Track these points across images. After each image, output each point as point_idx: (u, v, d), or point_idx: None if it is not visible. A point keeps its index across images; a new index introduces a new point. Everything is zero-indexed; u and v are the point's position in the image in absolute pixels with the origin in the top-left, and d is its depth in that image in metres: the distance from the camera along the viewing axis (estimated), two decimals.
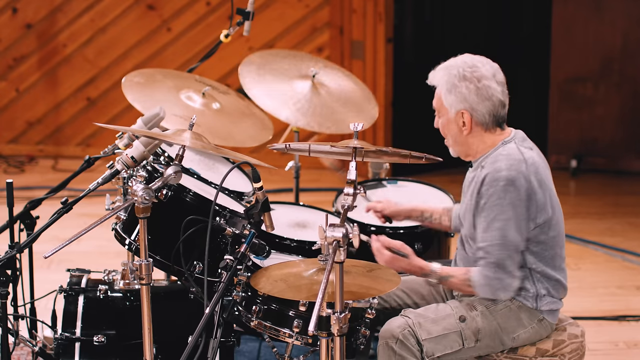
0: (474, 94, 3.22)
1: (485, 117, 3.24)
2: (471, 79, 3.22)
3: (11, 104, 7.51)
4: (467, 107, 3.23)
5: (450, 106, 3.25)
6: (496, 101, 3.24)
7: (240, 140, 4.07)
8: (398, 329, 3.17)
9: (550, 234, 3.26)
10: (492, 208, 3.18)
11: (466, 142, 3.29)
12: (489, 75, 3.24)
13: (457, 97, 3.23)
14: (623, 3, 7.23)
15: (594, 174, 7.36)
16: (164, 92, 4.06)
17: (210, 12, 7.22)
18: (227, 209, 3.29)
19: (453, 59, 3.30)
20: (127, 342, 3.52)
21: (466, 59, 3.28)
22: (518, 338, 3.28)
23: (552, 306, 3.29)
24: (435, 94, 3.32)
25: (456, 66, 3.25)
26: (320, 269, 2.99)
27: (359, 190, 2.84)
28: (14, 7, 7.34)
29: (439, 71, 3.29)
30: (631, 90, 7.35)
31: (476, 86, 3.22)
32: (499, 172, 3.18)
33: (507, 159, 3.20)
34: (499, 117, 3.27)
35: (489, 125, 3.26)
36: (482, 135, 3.27)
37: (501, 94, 3.26)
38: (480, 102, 3.23)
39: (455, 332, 3.22)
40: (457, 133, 3.28)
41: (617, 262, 5.66)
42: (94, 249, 5.38)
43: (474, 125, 3.25)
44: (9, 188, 3.54)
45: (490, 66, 3.27)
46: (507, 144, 3.26)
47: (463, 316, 3.23)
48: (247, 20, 4.26)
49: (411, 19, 7.36)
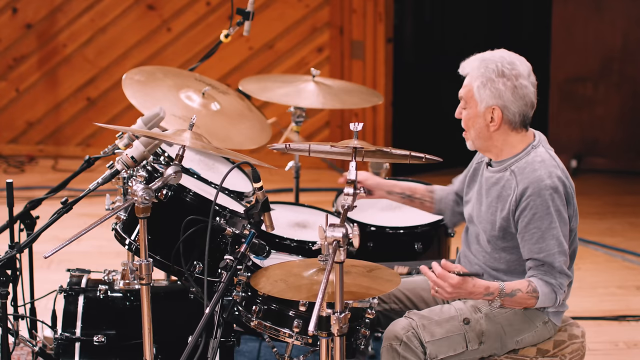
0: (510, 92, 3.18)
1: (515, 116, 3.21)
2: (509, 77, 3.17)
3: (11, 104, 7.51)
4: (500, 104, 3.18)
5: (482, 100, 3.20)
6: (528, 102, 3.21)
7: (239, 142, 4.07)
8: (402, 331, 3.15)
9: (572, 236, 3.26)
10: (543, 218, 3.14)
11: (490, 138, 3.25)
12: (525, 75, 3.20)
13: (492, 93, 3.18)
14: (623, 3, 7.23)
15: (594, 174, 7.36)
16: (163, 92, 4.06)
17: (210, 12, 7.22)
18: (227, 209, 3.29)
19: (490, 52, 3.25)
20: (127, 342, 3.52)
21: (504, 54, 3.23)
22: (522, 341, 3.27)
23: (558, 308, 3.29)
24: (464, 84, 3.25)
25: (494, 60, 3.20)
26: (320, 269, 2.99)
27: (359, 190, 2.84)
28: (14, 7, 7.34)
29: (474, 61, 3.23)
30: (631, 90, 7.35)
31: (513, 84, 3.18)
32: (543, 182, 3.15)
33: (545, 167, 3.18)
34: (527, 118, 3.24)
35: (517, 125, 3.23)
36: (507, 134, 3.23)
37: (533, 96, 3.23)
38: (514, 101, 3.19)
39: (459, 334, 3.20)
40: (483, 128, 3.23)
41: (617, 262, 5.66)
42: (94, 249, 5.38)
43: (503, 123, 3.21)
44: (9, 188, 3.54)
45: (526, 66, 3.23)
46: (537, 149, 3.23)
47: (467, 319, 3.21)
48: (247, 20, 4.26)
49: (411, 19, 7.36)
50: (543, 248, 3.15)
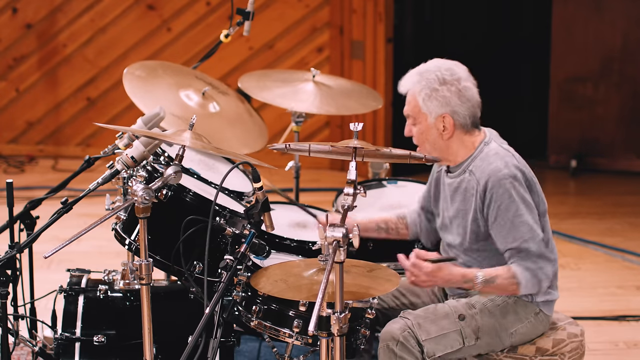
0: (456, 97, 3.22)
1: (466, 119, 3.25)
2: (451, 82, 3.22)
3: (11, 104, 7.51)
4: (449, 110, 3.23)
5: (431, 112, 3.24)
6: (475, 102, 3.26)
7: (234, 147, 4.05)
8: (398, 331, 3.17)
9: (543, 221, 3.28)
10: (509, 208, 3.18)
11: (446, 147, 3.29)
12: (465, 77, 3.26)
13: (439, 102, 3.22)
14: (623, 3, 7.23)
15: (594, 174, 7.36)
16: (163, 89, 4.05)
17: (210, 12, 7.22)
18: (227, 209, 3.29)
19: (423, 65, 3.29)
20: (127, 342, 3.52)
21: (438, 63, 3.27)
22: (516, 333, 3.29)
23: (547, 297, 3.30)
24: (407, 101, 3.30)
25: (432, 70, 3.24)
26: (320, 269, 2.99)
27: (359, 190, 2.84)
28: (14, 7, 7.34)
29: (412, 77, 3.28)
30: (631, 90, 7.35)
31: (457, 88, 3.22)
32: (501, 172, 3.19)
33: (499, 158, 3.22)
34: (476, 118, 3.29)
35: (469, 127, 3.27)
36: (462, 138, 3.28)
37: (477, 94, 3.27)
38: (462, 104, 3.23)
39: (455, 331, 3.22)
40: (437, 138, 3.28)
41: (617, 262, 5.66)
42: (94, 249, 5.38)
43: (455, 129, 3.26)
44: (9, 188, 3.54)
45: (462, 68, 3.28)
46: (489, 145, 3.27)
47: (462, 315, 3.24)
48: (247, 20, 4.26)
49: (411, 19, 7.36)
50: (516, 236, 3.18)
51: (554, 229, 6.12)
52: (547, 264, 3.21)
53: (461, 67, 3.27)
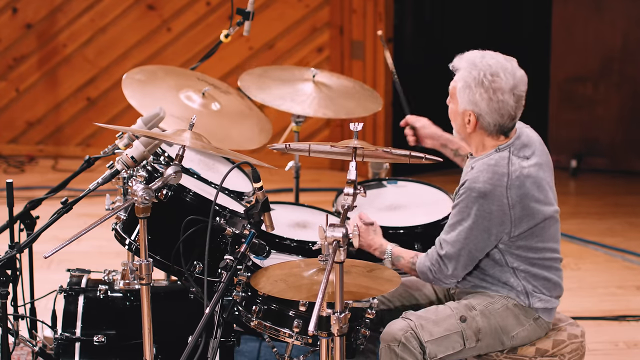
0: (485, 104, 3.19)
1: (490, 125, 3.23)
2: (487, 88, 3.18)
3: (11, 104, 7.51)
4: (476, 110, 3.21)
5: (461, 102, 3.23)
6: (505, 115, 3.21)
7: (238, 143, 4.06)
8: (400, 332, 3.17)
9: (532, 241, 3.25)
10: (459, 212, 3.22)
11: (468, 137, 3.30)
12: (507, 89, 3.18)
13: (469, 99, 3.20)
14: (623, 3, 7.23)
15: (594, 174, 7.36)
16: (163, 91, 4.05)
17: (210, 12, 7.22)
18: (227, 209, 3.29)
19: (481, 55, 3.24)
20: (127, 342, 3.52)
21: (492, 62, 3.20)
22: (517, 336, 3.29)
23: (546, 304, 3.30)
24: (454, 79, 3.27)
25: (479, 68, 3.19)
26: (321, 269, 2.99)
27: (359, 190, 2.84)
28: (14, 7, 7.34)
29: (465, 60, 3.24)
30: (631, 90, 7.35)
31: (490, 97, 3.18)
32: (475, 183, 3.18)
33: (489, 170, 3.19)
34: (505, 128, 3.25)
35: (493, 133, 3.25)
36: (483, 137, 3.27)
37: (513, 109, 3.21)
38: (489, 113, 3.20)
39: (457, 332, 3.22)
40: (461, 126, 3.29)
41: (617, 262, 5.66)
42: (94, 249, 5.38)
43: (478, 128, 3.25)
44: (9, 188, 3.54)
45: (513, 77, 3.19)
46: (500, 152, 3.24)
47: (464, 316, 3.24)
48: (247, 20, 4.25)
49: (411, 19, 7.36)
50: (447, 233, 3.25)
51: None
52: (449, 272, 3.25)
53: (511, 77, 3.19)
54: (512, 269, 3.26)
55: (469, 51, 3.28)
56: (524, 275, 3.27)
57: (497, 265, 3.27)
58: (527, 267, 3.26)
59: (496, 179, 3.17)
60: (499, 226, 3.18)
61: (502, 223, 3.18)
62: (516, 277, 3.27)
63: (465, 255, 3.22)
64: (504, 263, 3.25)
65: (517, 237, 3.22)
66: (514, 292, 3.27)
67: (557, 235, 3.34)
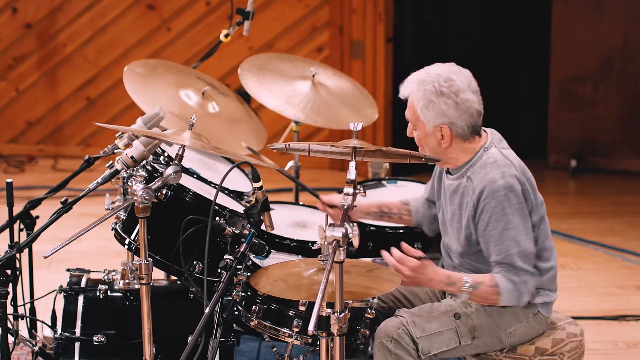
0: (453, 109, 3.18)
1: (464, 129, 3.22)
2: (449, 95, 3.17)
3: (11, 104, 7.51)
4: (447, 122, 3.20)
5: (428, 122, 3.22)
6: (474, 113, 3.22)
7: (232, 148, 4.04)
8: (393, 329, 3.18)
9: (540, 228, 3.27)
10: (499, 220, 3.17)
11: (445, 154, 3.27)
12: (465, 88, 3.20)
13: (436, 113, 3.19)
14: (623, 3, 7.23)
15: (594, 174, 7.36)
16: (163, 88, 4.05)
17: (210, 12, 7.22)
18: (227, 209, 3.29)
19: (424, 71, 3.24)
20: (127, 342, 3.52)
21: (439, 71, 3.22)
22: (515, 333, 3.28)
23: (545, 299, 3.30)
24: (409, 106, 3.27)
25: (430, 81, 3.20)
26: (321, 269, 2.99)
27: (359, 190, 2.84)
28: (14, 7, 7.34)
29: (411, 84, 3.25)
30: (631, 90, 7.35)
31: (455, 101, 3.18)
32: (496, 183, 3.17)
33: (497, 168, 3.19)
34: (477, 127, 3.25)
35: (468, 136, 3.24)
36: (461, 145, 3.25)
37: (478, 104, 3.23)
38: (460, 117, 3.20)
39: (451, 329, 3.22)
40: (436, 146, 3.26)
41: (617, 262, 5.66)
42: (94, 249, 5.38)
43: (454, 139, 3.23)
44: (9, 188, 3.54)
45: (464, 77, 3.22)
46: (489, 150, 3.24)
47: (458, 314, 3.24)
48: (247, 20, 4.25)
49: (411, 19, 7.37)
50: (502, 250, 3.18)
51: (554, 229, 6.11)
52: (531, 277, 3.21)
53: (462, 76, 3.21)
54: None
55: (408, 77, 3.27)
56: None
57: None
58: (536, 262, 3.26)
59: (508, 171, 3.19)
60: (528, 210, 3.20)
61: (527, 208, 3.20)
62: None
63: (530, 255, 3.19)
64: None
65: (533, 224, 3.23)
66: None
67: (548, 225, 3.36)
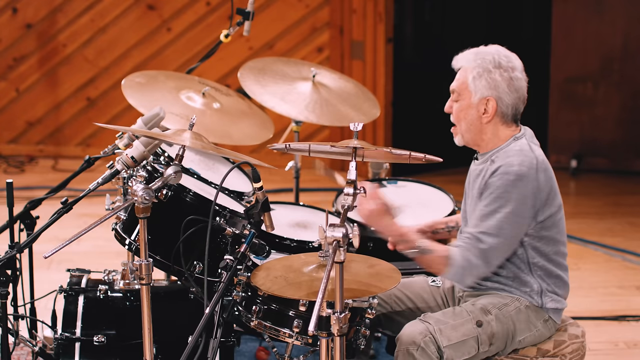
0: (506, 84, 3.23)
1: (508, 108, 3.25)
2: (506, 68, 3.23)
3: (11, 104, 7.51)
4: (495, 95, 3.22)
5: (477, 91, 3.23)
6: (522, 95, 3.27)
7: (238, 139, 4.06)
8: (419, 336, 3.13)
9: (552, 231, 3.26)
10: (497, 199, 3.16)
11: (481, 130, 3.27)
12: (520, 69, 3.27)
13: (488, 83, 3.22)
14: (623, 3, 7.24)
15: (594, 174, 7.37)
16: (163, 92, 4.06)
17: (210, 12, 7.22)
18: (227, 209, 3.29)
19: (483, 47, 3.31)
20: (127, 342, 3.51)
21: (499, 48, 3.29)
22: (524, 341, 3.28)
23: (557, 304, 3.29)
24: (457, 77, 3.29)
25: (490, 52, 3.26)
26: (321, 265, 2.99)
27: (359, 190, 2.84)
28: (14, 7, 7.34)
29: (469, 54, 3.29)
30: (631, 90, 7.35)
31: (510, 76, 3.23)
32: (511, 167, 3.17)
33: (519, 155, 3.20)
34: (519, 112, 3.29)
35: (509, 119, 3.26)
36: (498, 126, 3.26)
37: (526, 90, 3.29)
38: (509, 93, 3.23)
39: (473, 337, 3.19)
40: (475, 119, 3.26)
41: (617, 262, 5.66)
42: (94, 249, 5.38)
43: (495, 115, 3.25)
44: (9, 188, 3.54)
45: (519, 62, 3.29)
46: (519, 140, 3.26)
47: (480, 321, 3.21)
48: (247, 20, 4.26)
49: (411, 19, 7.37)
50: (482, 225, 3.16)
51: None
52: (486, 268, 3.19)
53: (518, 61, 3.28)
54: (529, 265, 3.25)
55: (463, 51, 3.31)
56: (540, 273, 3.26)
57: (516, 263, 3.25)
58: (545, 264, 3.25)
59: (528, 162, 3.18)
60: (531, 210, 3.19)
61: (533, 206, 3.19)
62: (532, 274, 3.25)
63: (508, 241, 3.18)
64: (524, 259, 3.24)
65: (542, 224, 3.22)
66: (529, 291, 3.26)
67: (565, 232, 3.35)
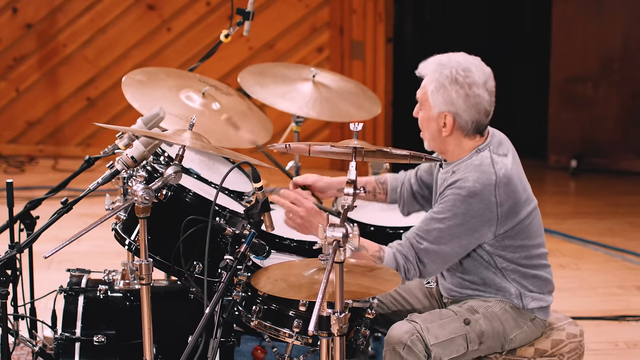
0: (462, 100, 3.17)
1: (467, 124, 3.20)
2: (462, 84, 3.16)
3: (11, 104, 7.51)
4: (452, 110, 3.18)
5: (435, 105, 3.21)
6: (482, 110, 3.20)
7: (236, 141, 4.06)
8: (406, 335, 3.14)
9: (518, 239, 3.23)
10: (444, 210, 3.16)
11: (444, 142, 3.26)
12: (480, 83, 3.18)
13: (444, 99, 3.18)
14: (623, 3, 7.24)
15: (594, 174, 7.37)
16: (163, 91, 4.06)
17: (210, 12, 7.22)
18: (227, 209, 3.29)
19: (447, 55, 3.22)
20: (127, 342, 3.52)
21: (460, 59, 3.20)
22: (515, 339, 3.29)
23: (540, 303, 3.29)
24: (422, 85, 3.27)
25: (449, 66, 3.18)
26: (321, 268, 2.99)
27: (359, 190, 2.84)
28: (14, 7, 7.34)
29: (431, 64, 3.23)
30: (631, 90, 7.35)
31: (466, 93, 3.16)
32: (466, 182, 3.14)
33: (476, 171, 3.16)
34: (481, 126, 3.23)
35: (470, 132, 3.22)
36: (460, 139, 3.24)
37: (488, 104, 3.21)
38: (466, 110, 3.18)
39: (461, 335, 3.21)
40: (436, 132, 3.25)
41: (617, 262, 5.66)
42: (94, 249, 5.38)
43: (455, 129, 3.21)
44: (9, 188, 3.54)
45: (483, 72, 3.19)
46: (481, 152, 3.22)
47: (467, 319, 3.22)
48: (247, 20, 4.25)
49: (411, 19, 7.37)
50: (423, 230, 3.17)
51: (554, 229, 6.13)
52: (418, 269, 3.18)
53: (480, 72, 3.18)
54: (501, 271, 3.25)
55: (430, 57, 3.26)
56: (514, 277, 3.26)
57: (488, 269, 3.25)
58: (516, 267, 3.25)
59: (485, 178, 3.15)
60: (485, 224, 3.16)
61: (488, 221, 3.16)
62: (506, 279, 3.26)
63: (447, 252, 3.18)
64: (493, 265, 3.24)
65: (503, 235, 3.20)
66: (508, 295, 3.27)
67: (541, 230, 3.32)
